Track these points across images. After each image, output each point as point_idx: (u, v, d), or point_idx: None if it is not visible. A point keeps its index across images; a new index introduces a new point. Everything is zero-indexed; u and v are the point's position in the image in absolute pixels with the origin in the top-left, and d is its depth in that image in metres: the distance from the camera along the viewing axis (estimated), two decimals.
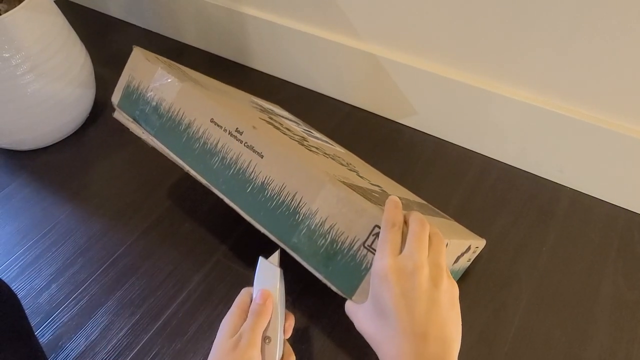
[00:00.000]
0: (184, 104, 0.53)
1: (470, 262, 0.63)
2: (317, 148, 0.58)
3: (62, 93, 0.75)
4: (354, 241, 0.41)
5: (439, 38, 0.72)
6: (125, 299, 0.63)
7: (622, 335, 0.59)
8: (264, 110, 0.64)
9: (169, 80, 0.54)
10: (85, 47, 0.84)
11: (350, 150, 0.72)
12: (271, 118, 0.61)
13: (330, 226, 0.42)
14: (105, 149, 0.83)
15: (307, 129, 0.70)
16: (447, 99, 0.77)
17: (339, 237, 0.42)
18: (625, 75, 0.61)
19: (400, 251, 0.38)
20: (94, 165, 0.81)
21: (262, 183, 0.46)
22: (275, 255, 0.46)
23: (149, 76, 0.56)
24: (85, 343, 0.59)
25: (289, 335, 0.46)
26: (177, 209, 0.73)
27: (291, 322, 0.46)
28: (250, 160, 0.46)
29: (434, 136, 0.84)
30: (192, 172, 0.52)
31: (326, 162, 0.51)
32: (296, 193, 0.44)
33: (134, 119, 0.58)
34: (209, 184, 0.51)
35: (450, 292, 0.39)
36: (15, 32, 0.68)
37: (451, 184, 0.76)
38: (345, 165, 0.57)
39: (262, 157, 0.45)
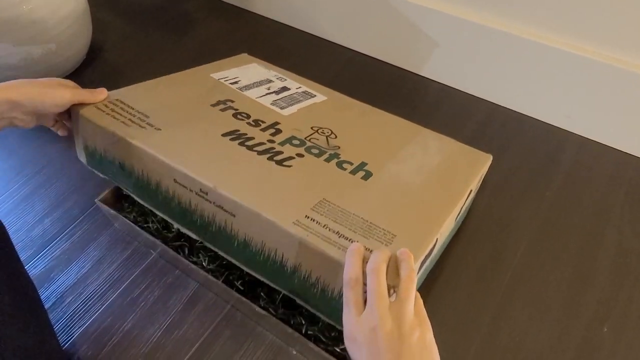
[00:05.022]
0: (143, 164, 0.49)
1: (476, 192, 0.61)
2: (290, 141, 0.52)
3: (56, 29, 0.73)
4: (341, 289, 0.40)
5: None
6: (118, 235, 0.62)
7: (625, 280, 0.57)
8: (227, 104, 0.57)
9: (118, 140, 0.49)
10: None
11: (352, 97, 0.69)
12: (236, 115, 0.55)
13: (317, 278, 0.42)
14: None
15: (280, 85, 0.65)
16: (452, 40, 0.74)
17: (327, 287, 0.42)
18: None
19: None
20: None
21: (245, 240, 0.45)
22: None
23: (99, 138, 0.51)
24: (76, 275, 0.58)
25: None
26: None
27: None
28: (226, 220, 0.45)
29: (438, 82, 0.81)
30: (183, 230, 0.51)
31: (301, 181, 0.47)
32: (277, 249, 0.43)
33: (110, 179, 0.55)
34: (200, 240, 0.50)
35: (417, 335, 0.38)
36: None
37: (455, 129, 0.74)
38: (325, 151, 0.52)
39: (234, 216, 0.44)
